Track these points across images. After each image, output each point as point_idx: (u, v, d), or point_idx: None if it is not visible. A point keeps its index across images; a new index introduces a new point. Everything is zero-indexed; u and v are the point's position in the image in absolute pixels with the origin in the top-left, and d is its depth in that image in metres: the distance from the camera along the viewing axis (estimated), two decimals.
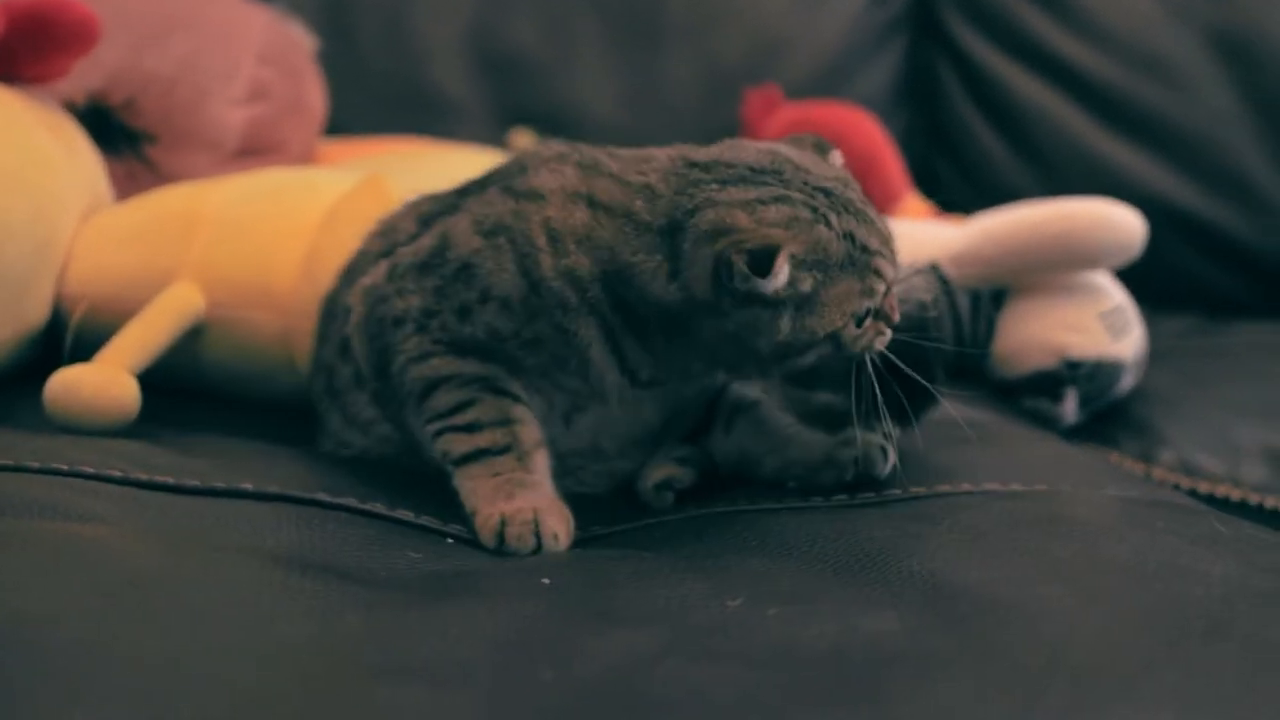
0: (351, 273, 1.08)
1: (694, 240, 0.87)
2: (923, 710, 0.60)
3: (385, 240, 1.06)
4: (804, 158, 0.91)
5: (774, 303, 0.86)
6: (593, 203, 0.92)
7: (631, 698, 0.61)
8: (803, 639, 0.68)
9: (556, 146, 0.99)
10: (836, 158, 0.95)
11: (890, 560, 0.80)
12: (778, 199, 0.87)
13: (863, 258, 0.88)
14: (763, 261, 0.83)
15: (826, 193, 0.88)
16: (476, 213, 0.97)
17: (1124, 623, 0.69)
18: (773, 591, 0.75)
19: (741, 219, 0.86)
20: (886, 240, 0.90)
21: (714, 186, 0.88)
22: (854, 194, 0.90)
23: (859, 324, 0.89)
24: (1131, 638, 0.67)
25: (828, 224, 0.86)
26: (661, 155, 0.94)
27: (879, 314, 0.90)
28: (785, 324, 0.87)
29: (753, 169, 0.89)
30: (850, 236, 0.87)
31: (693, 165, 0.91)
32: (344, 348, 1.05)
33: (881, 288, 0.89)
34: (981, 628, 0.69)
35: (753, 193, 0.87)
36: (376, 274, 1.01)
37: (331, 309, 1.10)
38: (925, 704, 0.60)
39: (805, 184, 0.88)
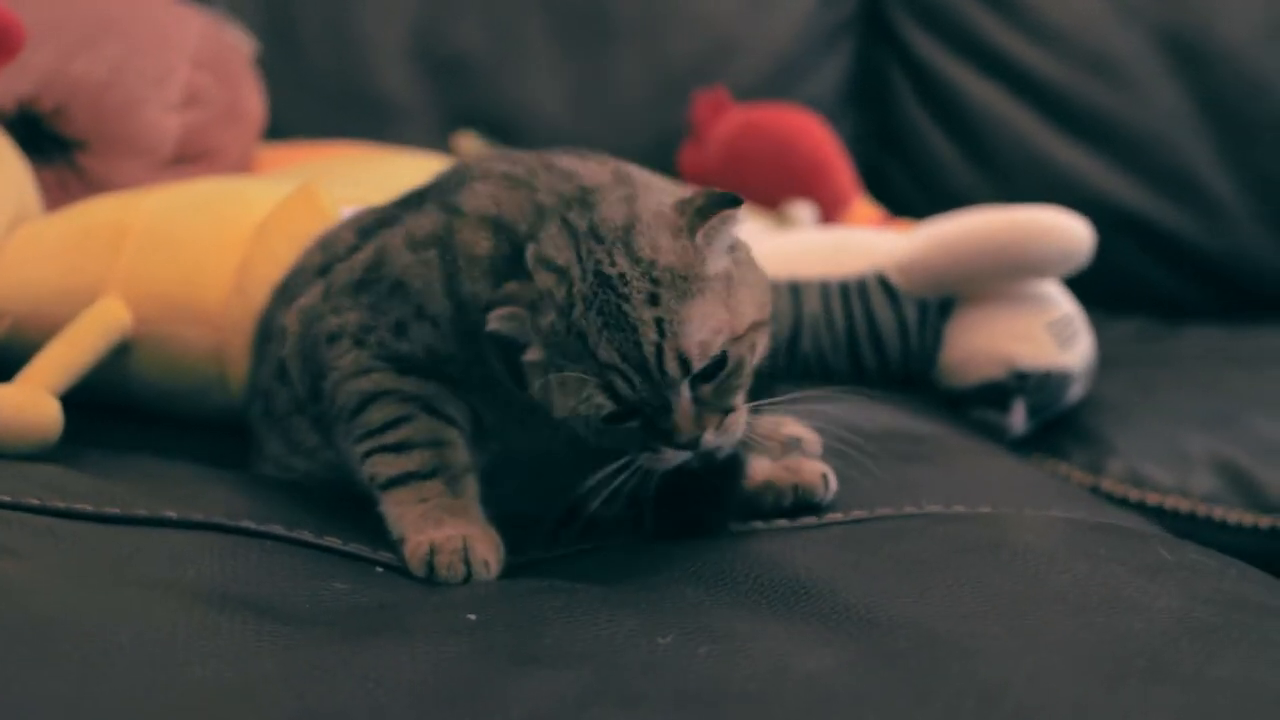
0: (288, 289, 1.06)
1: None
2: None
3: (324, 254, 1.03)
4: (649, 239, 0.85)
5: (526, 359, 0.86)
6: (499, 226, 0.90)
7: None
8: (734, 679, 0.66)
9: (499, 158, 0.98)
10: (733, 215, 0.88)
11: (827, 592, 0.78)
12: (559, 274, 0.85)
13: (593, 364, 0.83)
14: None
15: (606, 284, 0.83)
16: (411, 227, 0.95)
17: (1063, 661, 0.68)
18: (706, 628, 0.73)
19: (514, 287, 0.86)
20: (635, 360, 0.82)
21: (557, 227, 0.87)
22: (635, 297, 0.82)
23: (586, 427, 0.86)
24: (1069, 678, 0.66)
25: (576, 310, 0.83)
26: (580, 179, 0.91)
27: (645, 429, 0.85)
28: (534, 380, 0.86)
29: (594, 228, 0.86)
30: (581, 336, 0.83)
31: (583, 192, 0.89)
32: (281, 370, 1.03)
33: (609, 404, 0.83)
34: (917, 666, 0.67)
35: (557, 253, 0.85)
36: (313, 294, 0.99)
37: (267, 329, 1.07)
38: None
39: (598, 263, 0.84)
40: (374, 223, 1.01)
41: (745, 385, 0.87)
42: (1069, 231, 1.40)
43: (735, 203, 0.86)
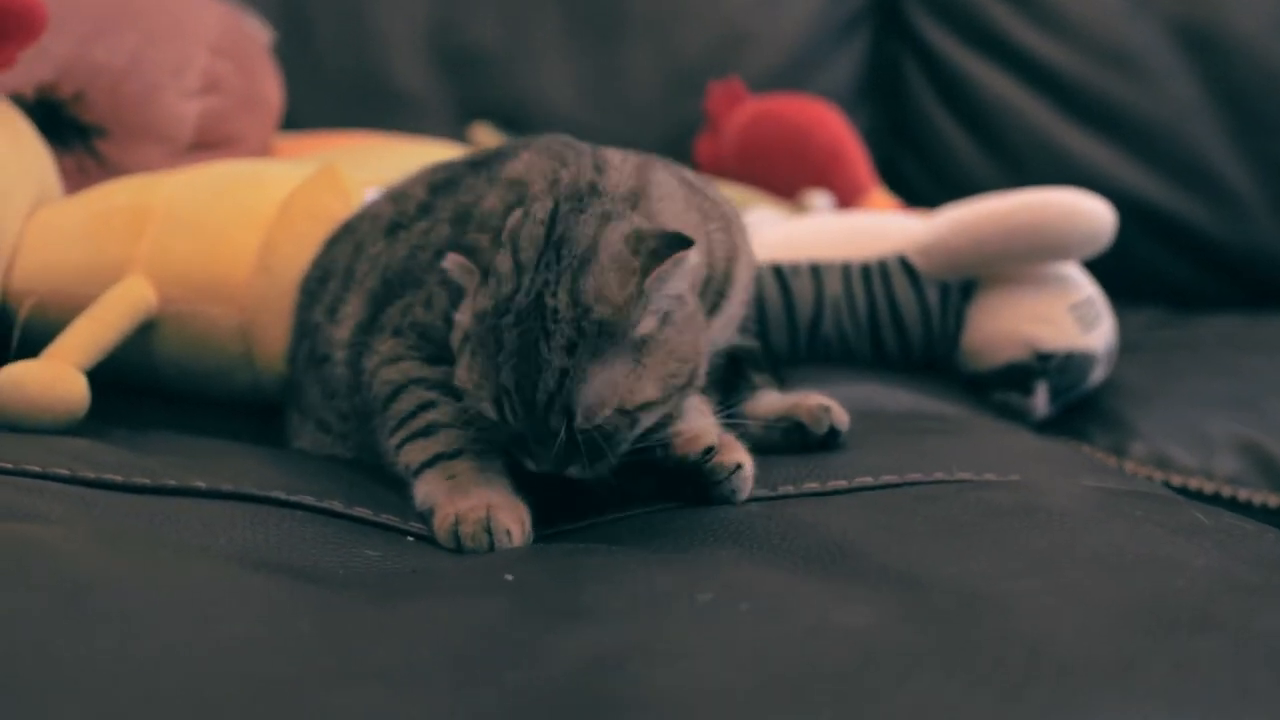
0: (352, 229, 1.10)
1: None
2: (902, 708, 0.57)
3: (395, 207, 1.06)
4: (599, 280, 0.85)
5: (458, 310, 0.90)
6: (519, 185, 0.94)
7: (599, 699, 0.59)
8: (776, 635, 0.66)
9: (557, 136, 1.01)
10: (683, 259, 0.87)
11: (863, 553, 0.78)
12: (517, 266, 0.86)
13: (491, 373, 0.86)
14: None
15: (539, 305, 0.84)
16: (458, 200, 0.99)
17: (1106, 616, 0.67)
18: (744, 586, 0.73)
19: (483, 239, 0.89)
20: (525, 395, 0.84)
21: (535, 227, 0.88)
22: (556, 338, 0.84)
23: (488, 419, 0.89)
24: (1115, 631, 0.65)
25: (507, 319, 0.85)
26: (588, 177, 0.92)
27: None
28: (456, 335, 0.90)
29: (564, 240, 0.87)
30: (497, 342, 0.85)
31: (572, 198, 0.90)
32: (331, 308, 1.06)
33: (492, 416, 0.87)
34: (959, 622, 0.67)
35: (527, 244, 0.87)
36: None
37: (325, 269, 1.09)
38: (905, 702, 0.58)
39: (546, 284, 0.85)
40: (444, 180, 1.03)
41: (625, 444, 0.88)
42: (1092, 213, 1.40)
43: (687, 244, 0.86)
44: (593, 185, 0.91)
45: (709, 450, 0.90)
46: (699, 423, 0.94)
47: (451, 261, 0.89)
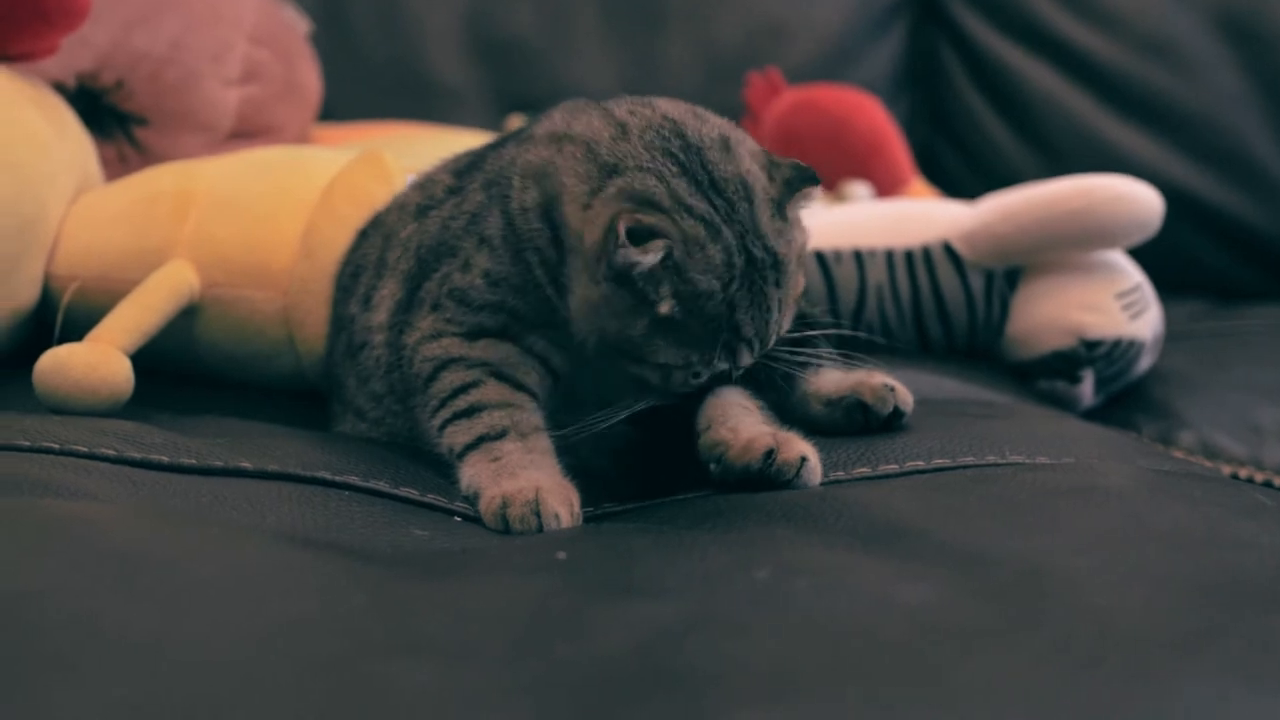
0: (381, 223, 1.09)
1: (614, 191, 0.87)
2: (973, 680, 0.56)
3: (422, 194, 1.05)
4: (766, 211, 0.88)
5: (640, 296, 0.85)
6: (563, 137, 0.92)
7: (659, 672, 0.58)
8: (837, 610, 0.64)
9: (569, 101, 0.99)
10: (814, 194, 0.93)
11: (921, 531, 0.76)
12: (709, 227, 0.85)
13: (730, 335, 0.87)
14: (641, 237, 0.83)
15: (751, 262, 0.86)
16: (487, 167, 0.97)
17: (1177, 592, 0.65)
18: (801, 563, 0.71)
19: (662, 201, 0.85)
20: (763, 336, 0.89)
21: (674, 169, 0.87)
22: (779, 278, 0.88)
23: (691, 375, 0.89)
24: (1187, 607, 0.64)
25: (726, 283, 0.85)
26: (660, 110, 0.92)
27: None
28: (640, 326, 0.87)
29: (716, 184, 0.87)
30: (731, 307, 0.86)
31: (679, 136, 0.89)
32: (366, 299, 1.04)
33: (724, 366, 0.89)
34: (1024, 598, 0.65)
35: (696, 201, 0.86)
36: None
37: (359, 261, 1.08)
38: (975, 674, 0.57)
39: (744, 239, 0.86)
40: (468, 164, 1.02)
41: None
42: (1141, 199, 1.38)
43: (816, 180, 0.91)
44: (668, 118, 0.90)
45: (770, 453, 0.89)
46: (746, 423, 0.92)
47: (648, 251, 0.84)
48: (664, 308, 0.85)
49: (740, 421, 0.92)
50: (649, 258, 0.84)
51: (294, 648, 0.61)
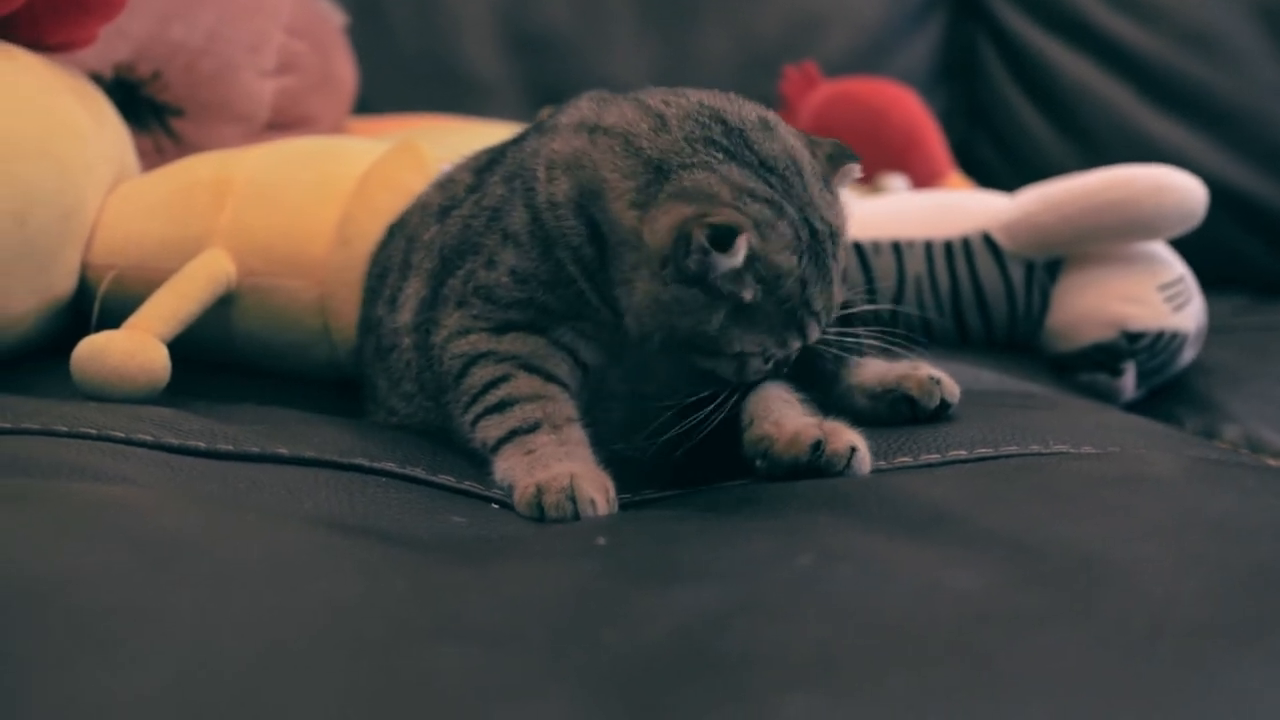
0: (405, 224, 1.08)
1: (674, 192, 0.84)
2: (1024, 668, 0.55)
3: (443, 194, 1.04)
4: (816, 184, 0.88)
5: (715, 292, 0.83)
6: (595, 129, 0.90)
7: (703, 658, 0.57)
8: (883, 596, 0.63)
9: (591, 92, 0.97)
10: (855, 171, 0.93)
11: (967, 519, 0.75)
12: (773, 206, 0.84)
13: (802, 311, 0.86)
14: (724, 240, 0.81)
15: (814, 235, 0.86)
16: (507, 161, 0.96)
17: (1233, 581, 0.64)
18: (845, 550, 0.70)
19: (726, 196, 0.84)
20: (829, 309, 0.89)
21: (720, 156, 0.85)
22: (835, 250, 0.88)
23: (764, 360, 0.88)
24: (1243, 596, 0.62)
25: (799, 258, 0.84)
26: (695, 99, 0.90)
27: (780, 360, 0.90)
28: (716, 320, 0.85)
29: (765, 163, 0.86)
30: (803, 283, 0.85)
31: (719, 122, 0.87)
32: (392, 301, 1.03)
33: (796, 344, 0.88)
34: (1075, 585, 0.64)
35: (754, 184, 0.85)
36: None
37: (384, 264, 1.08)
38: (1026, 661, 0.55)
39: (804, 213, 0.85)
40: (487, 161, 1.00)
41: None
42: (1184, 190, 1.36)
43: (856, 158, 0.92)
44: (703, 104, 0.89)
45: (818, 445, 0.87)
46: (788, 416, 0.91)
47: (736, 256, 0.81)
48: (747, 295, 0.84)
49: (783, 415, 0.91)
50: (735, 259, 0.82)
51: (336, 633, 0.60)
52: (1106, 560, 0.67)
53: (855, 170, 0.92)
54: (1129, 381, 1.39)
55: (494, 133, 1.62)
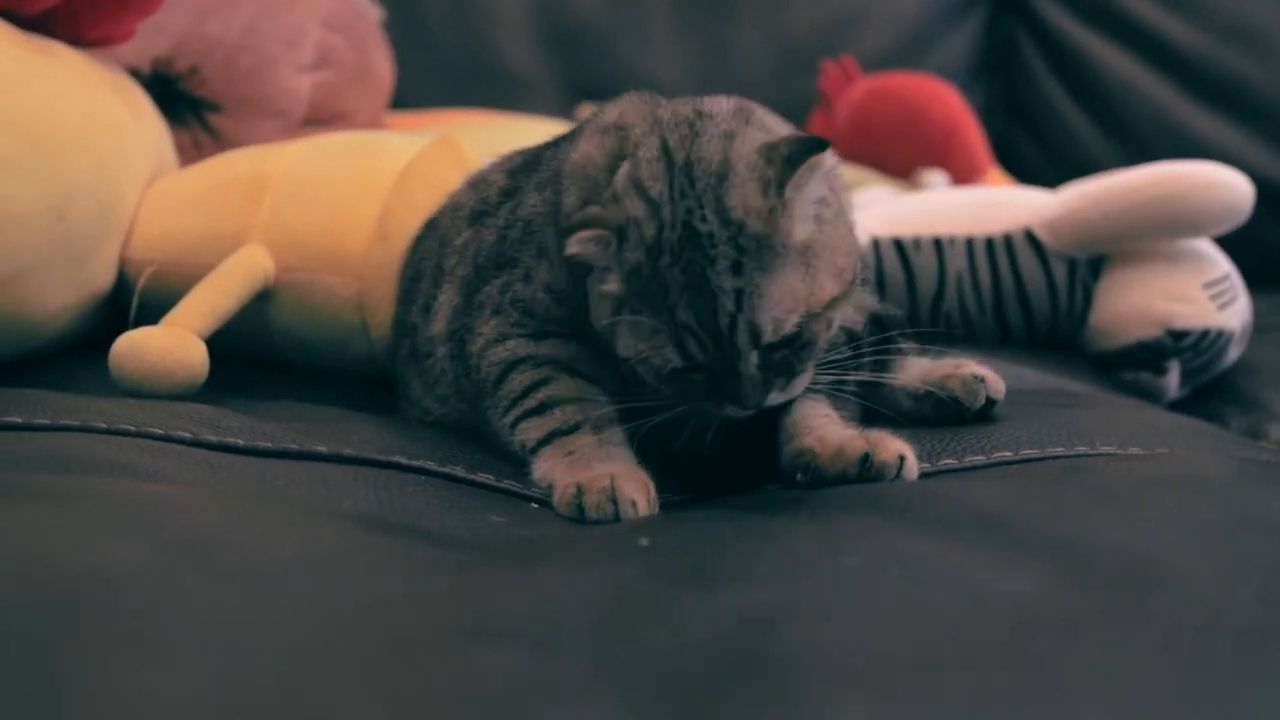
0: (437, 225, 1.08)
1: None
2: (1078, 673, 0.54)
3: (475, 195, 1.03)
4: (736, 189, 0.82)
5: (598, 287, 0.85)
6: (618, 129, 0.89)
7: (752, 660, 0.56)
8: (933, 599, 0.62)
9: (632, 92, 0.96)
10: (826, 160, 0.86)
11: (1015, 521, 0.74)
12: (650, 204, 0.82)
13: (670, 321, 0.82)
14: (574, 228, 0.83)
15: (692, 238, 0.80)
16: (543, 169, 0.96)
17: None
18: (891, 552, 0.69)
19: (615, 187, 0.84)
20: (710, 327, 0.81)
21: (655, 154, 0.84)
22: (720, 262, 0.80)
23: (656, 374, 0.85)
24: None
25: (654, 259, 0.81)
26: (700, 106, 0.89)
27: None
28: (604, 314, 0.85)
29: (689, 165, 0.83)
30: (664, 288, 0.81)
31: (689, 125, 0.86)
32: (427, 306, 1.03)
33: (675, 360, 0.83)
34: (1127, 589, 0.63)
35: (652, 182, 0.83)
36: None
37: (417, 266, 1.07)
38: (1080, 666, 0.54)
39: (690, 211, 0.81)
40: (521, 163, 1.00)
41: (817, 355, 0.86)
42: (1230, 186, 1.34)
43: (822, 146, 0.83)
44: (698, 112, 0.87)
45: (866, 457, 0.85)
46: (831, 430, 0.89)
47: (578, 241, 0.83)
48: (609, 285, 0.84)
49: (825, 430, 0.89)
50: (585, 248, 0.83)
51: (378, 630, 0.60)
52: (1158, 563, 0.65)
53: (826, 159, 0.84)
54: (1173, 380, 1.37)
55: (531, 128, 1.62)
